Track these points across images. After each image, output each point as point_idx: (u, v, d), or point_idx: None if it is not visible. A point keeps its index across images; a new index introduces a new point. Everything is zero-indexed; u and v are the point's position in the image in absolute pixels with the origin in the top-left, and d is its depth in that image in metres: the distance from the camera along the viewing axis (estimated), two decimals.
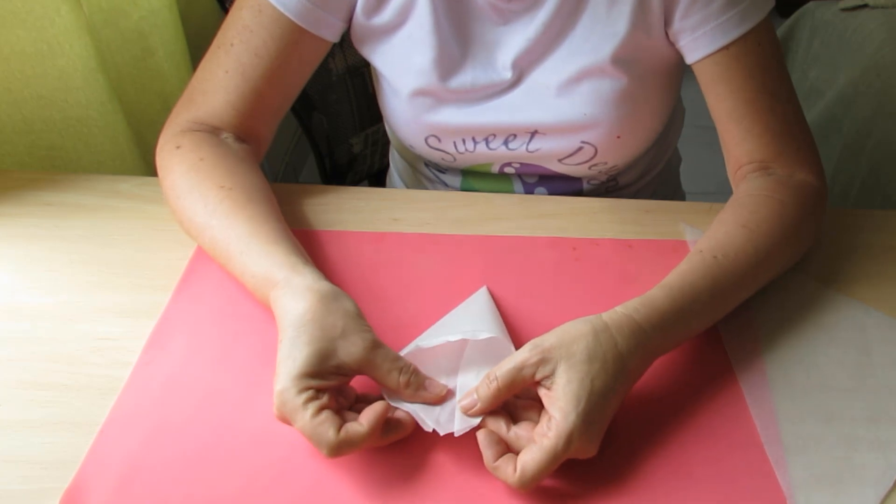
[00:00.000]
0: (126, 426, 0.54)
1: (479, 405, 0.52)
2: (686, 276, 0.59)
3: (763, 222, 0.64)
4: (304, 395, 0.49)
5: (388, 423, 0.52)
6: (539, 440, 0.49)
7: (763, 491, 0.52)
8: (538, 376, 0.51)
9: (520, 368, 0.51)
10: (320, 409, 0.49)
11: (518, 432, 0.51)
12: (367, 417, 0.50)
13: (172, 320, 0.62)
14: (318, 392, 0.50)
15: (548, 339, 0.52)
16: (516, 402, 0.54)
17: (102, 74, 0.90)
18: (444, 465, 0.53)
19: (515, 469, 0.49)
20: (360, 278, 0.67)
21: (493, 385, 0.51)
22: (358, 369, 0.52)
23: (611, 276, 0.68)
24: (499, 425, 0.52)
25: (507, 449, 0.51)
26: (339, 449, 0.48)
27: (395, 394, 0.53)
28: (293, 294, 0.54)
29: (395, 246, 0.71)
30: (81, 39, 0.85)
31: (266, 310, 0.58)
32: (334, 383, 0.51)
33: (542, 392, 0.52)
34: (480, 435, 0.51)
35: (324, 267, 0.68)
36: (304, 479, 0.52)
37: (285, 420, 0.50)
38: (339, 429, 0.48)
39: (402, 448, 0.53)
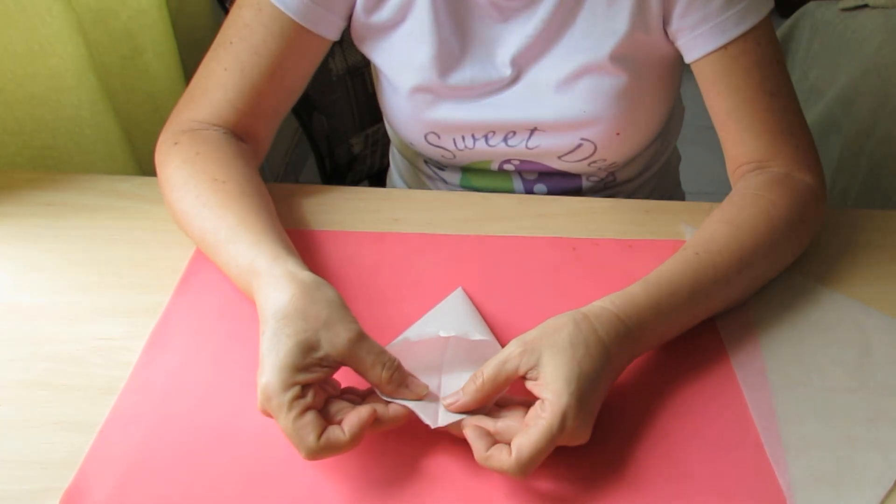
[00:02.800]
0: (126, 426, 0.54)
1: (463, 398, 0.51)
2: (665, 271, 0.60)
3: (749, 219, 0.64)
4: (290, 393, 0.48)
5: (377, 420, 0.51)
6: (534, 422, 0.49)
7: (763, 491, 0.52)
8: (522, 368, 0.51)
9: (504, 362, 0.51)
10: (304, 410, 0.48)
11: (507, 423, 0.51)
12: (350, 425, 0.49)
13: (172, 320, 0.62)
14: (304, 389, 0.49)
15: (530, 334, 0.53)
16: (500, 410, 0.53)
17: (94, 74, 0.90)
18: (443, 465, 0.53)
19: (510, 454, 0.48)
20: (360, 278, 0.67)
21: (479, 380, 0.51)
22: (342, 361, 0.51)
23: (611, 276, 0.68)
24: (485, 421, 0.51)
25: (497, 441, 0.50)
26: (317, 454, 0.48)
27: (376, 388, 0.53)
28: (275, 283, 0.53)
29: (395, 246, 0.71)
30: (73, 39, 0.85)
31: None
32: (319, 375, 0.50)
33: (529, 385, 0.52)
34: (468, 430, 0.51)
35: (324, 267, 0.68)
36: (304, 478, 0.52)
37: (268, 415, 0.49)
38: (320, 434, 0.48)
39: (401, 448, 0.53)
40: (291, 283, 0.53)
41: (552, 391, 0.49)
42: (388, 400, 0.52)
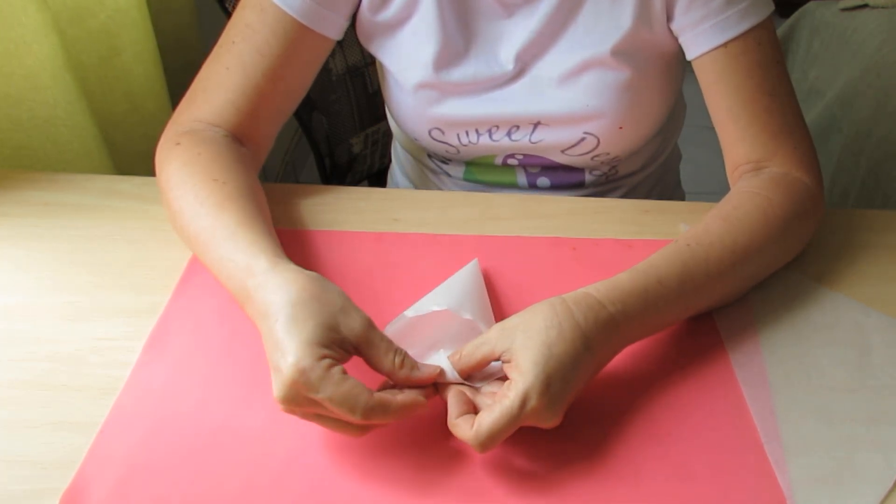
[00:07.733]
0: (126, 426, 0.54)
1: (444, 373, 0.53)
2: (654, 259, 0.60)
3: (745, 217, 0.64)
4: (325, 362, 0.48)
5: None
6: (499, 401, 0.50)
7: (763, 491, 0.52)
8: (497, 350, 0.52)
9: (481, 343, 0.53)
10: (344, 374, 0.48)
11: (487, 391, 0.53)
12: (405, 394, 0.50)
13: (172, 320, 0.62)
14: (334, 362, 0.49)
15: (510, 319, 0.54)
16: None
17: (70, 73, 0.89)
18: (446, 462, 0.53)
19: (472, 426, 0.49)
20: (360, 278, 0.67)
21: (456, 357, 0.53)
22: (356, 346, 0.51)
23: (611, 277, 0.68)
24: (468, 388, 0.53)
25: (473, 411, 0.52)
26: (370, 412, 0.47)
27: (389, 375, 0.53)
28: (278, 282, 0.53)
29: (395, 246, 0.71)
30: (49, 39, 0.85)
31: None
32: (340, 357, 0.50)
33: (504, 366, 0.53)
34: (450, 392, 0.53)
35: (324, 267, 0.68)
36: (304, 478, 0.52)
37: (298, 395, 0.48)
38: (370, 392, 0.48)
39: (403, 445, 0.53)
40: (299, 277, 0.53)
41: (519, 372, 0.51)
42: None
